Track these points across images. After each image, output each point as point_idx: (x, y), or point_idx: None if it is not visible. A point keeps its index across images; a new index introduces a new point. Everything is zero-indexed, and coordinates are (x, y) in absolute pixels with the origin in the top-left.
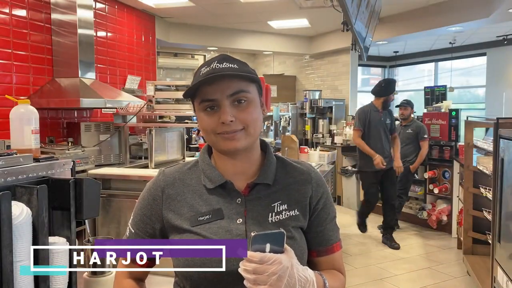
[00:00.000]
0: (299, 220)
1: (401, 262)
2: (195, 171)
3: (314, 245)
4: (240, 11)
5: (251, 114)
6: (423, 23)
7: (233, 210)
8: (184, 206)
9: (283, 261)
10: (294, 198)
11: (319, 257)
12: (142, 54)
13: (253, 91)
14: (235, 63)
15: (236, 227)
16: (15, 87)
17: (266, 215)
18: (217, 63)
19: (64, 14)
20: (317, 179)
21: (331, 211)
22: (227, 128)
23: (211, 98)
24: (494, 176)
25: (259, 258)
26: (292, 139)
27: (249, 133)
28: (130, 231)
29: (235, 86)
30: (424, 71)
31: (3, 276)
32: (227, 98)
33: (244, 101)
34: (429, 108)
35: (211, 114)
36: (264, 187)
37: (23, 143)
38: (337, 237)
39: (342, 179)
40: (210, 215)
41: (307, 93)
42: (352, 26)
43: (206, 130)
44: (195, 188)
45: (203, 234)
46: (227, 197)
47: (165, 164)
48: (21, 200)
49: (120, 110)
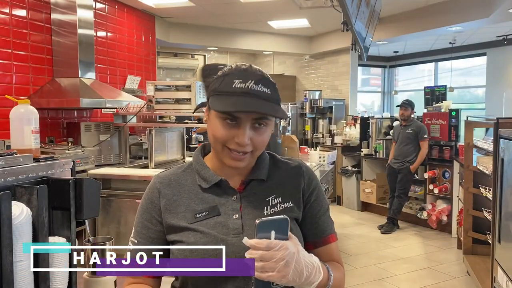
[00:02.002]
0: (293, 211)
1: (401, 262)
2: (189, 173)
3: (310, 237)
4: (240, 11)
5: (264, 139)
6: (423, 23)
7: (229, 206)
8: (181, 205)
9: (290, 246)
10: (288, 191)
11: (316, 249)
12: (142, 54)
13: (273, 117)
14: (269, 87)
15: (233, 222)
16: (15, 87)
17: (261, 209)
18: (253, 84)
19: (64, 14)
20: (308, 172)
21: (324, 203)
22: (239, 148)
23: (235, 115)
24: (494, 176)
25: (266, 245)
26: (292, 139)
27: (255, 155)
28: (133, 242)
29: (262, 112)
30: (424, 71)
31: (3, 276)
32: (250, 120)
33: (263, 126)
34: (429, 108)
35: (228, 127)
36: (258, 182)
37: (23, 143)
38: (332, 229)
39: (342, 179)
40: (207, 212)
41: (307, 93)
42: (352, 26)
43: (216, 139)
44: (190, 188)
45: (200, 230)
46: (223, 195)
47: (165, 164)
48: (21, 200)
49: (120, 110)
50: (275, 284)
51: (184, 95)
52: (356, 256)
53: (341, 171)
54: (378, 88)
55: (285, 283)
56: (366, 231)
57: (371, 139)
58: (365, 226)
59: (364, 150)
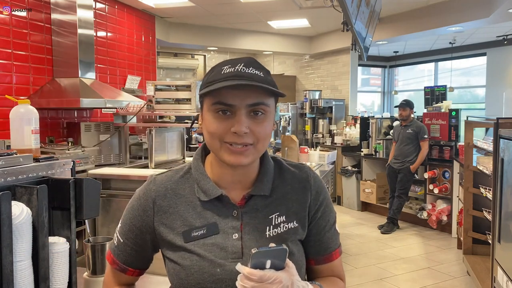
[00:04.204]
0: (297, 233)
1: (401, 262)
2: (188, 180)
3: (313, 254)
4: (240, 11)
5: (265, 129)
6: (423, 23)
7: (228, 224)
8: (177, 220)
9: (284, 279)
10: (293, 208)
11: (318, 265)
12: (142, 54)
13: (271, 104)
14: (261, 70)
15: (232, 243)
16: (15, 87)
17: (263, 229)
18: (243, 66)
19: (64, 14)
20: (316, 186)
21: (330, 218)
22: (238, 139)
23: (228, 103)
24: (494, 176)
25: (259, 277)
26: (292, 139)
27: (258, 149)
28: (118, 240)
29: (257, 96)
30: (424, 71)
31: (3, 276)
32: (245, 107)
33: (261, 114)
34: (429, 108)
35: (222, 119)
36: (261, 198)
37: (23, 143)
38: (336, 244)
39: (342, 179)
40: (205, 230)
41: (307, 93)
42: (352, 26)
43: (211, 135)
44: (188, 200)
45: (197, 252)
46: (223, 209)
47: (165, 164)
48: (21, 200)
49: (120, 110)
50: None
51: (184, 95)
52: (356, 256)
53: (341, 171)
54: (378, 88)
55: None
56: (366, 231)
57: (371, 139)
58: (365, 226)
59: (364, 150)
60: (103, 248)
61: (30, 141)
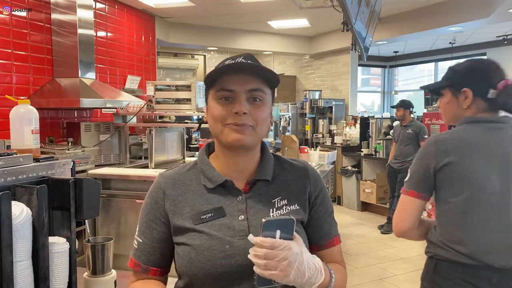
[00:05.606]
0: (299, 214)
1: (401, 262)
2: (194, 172)
3: (315, 240)
4: (240, 11)
5: (263, 113)
6: (423, 23)
7: (234, 207)
8: (186, 206)
9: (293, 247)
10: (293, 193)
11: (320, 251)
12: (142, 54)
13: (268, 94)
14: (259, 63)
15: (239, 223)
16: (15, 87)
17: (267, 211)
18: (242, 59)
19: (64, 14)
20: (314, 175)
21: (329, 206)
22: (238, 119)
23: (230, 88)
24: None
25: (270, 244)
26: (292, 139)
27: (257, 132)
28: (138, 241)
29: (255, 83)
30: (424, 71)
31: (3, 276)
32: (245, 92)
33: (259, 100)
34: (429, 108)
35: (225, 104)
36: (263, 183)
37: (23, 143)
38: (336, 231)
39: (342, 179)
40: (212, 213)
41: (307, 93)
42: (352, 26)
43: (215, 119)
44: (195, 189)
45: (206, 231)
46: (228, 195)
47: (165, 164)
48: (21, 200)
49: (120, 110)
50: (276, 282)
51: (184, 95)
52: (356, 256)
53: (341, 171)
54: (378, 88)
55: (286, 282)
56: (366, 231)
57: (371, 139)
58: (365, 226)
59: (364, 150)
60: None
61: (30, 141)
